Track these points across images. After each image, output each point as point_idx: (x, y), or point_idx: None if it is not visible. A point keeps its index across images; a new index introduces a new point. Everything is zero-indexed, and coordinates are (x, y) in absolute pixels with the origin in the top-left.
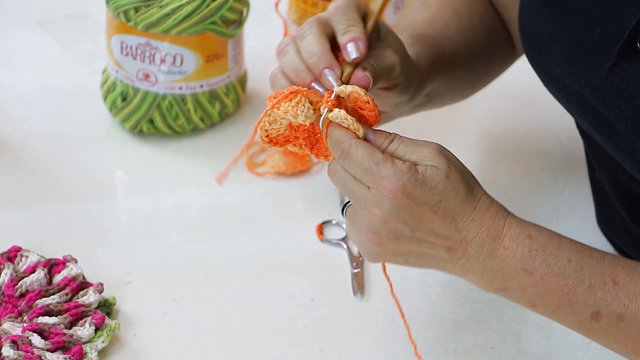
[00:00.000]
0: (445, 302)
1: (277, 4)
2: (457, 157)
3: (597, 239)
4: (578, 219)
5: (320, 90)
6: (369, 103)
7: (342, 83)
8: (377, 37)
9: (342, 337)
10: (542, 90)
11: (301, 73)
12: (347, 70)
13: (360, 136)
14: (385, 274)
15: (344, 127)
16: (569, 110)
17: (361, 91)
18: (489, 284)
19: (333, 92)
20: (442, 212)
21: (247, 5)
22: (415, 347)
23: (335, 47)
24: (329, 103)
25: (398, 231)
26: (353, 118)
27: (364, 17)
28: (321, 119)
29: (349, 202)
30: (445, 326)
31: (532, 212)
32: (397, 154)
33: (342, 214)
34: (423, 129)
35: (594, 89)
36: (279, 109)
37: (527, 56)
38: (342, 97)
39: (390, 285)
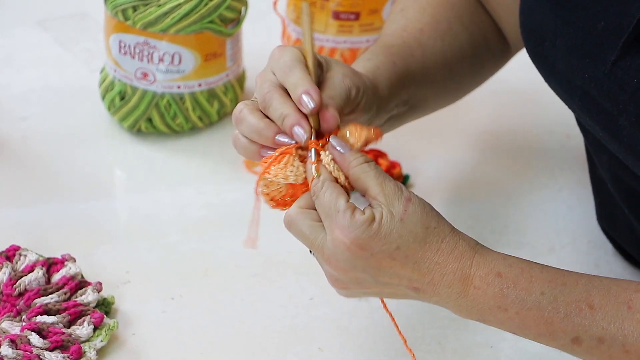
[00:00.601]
0: None
1: (275, 3)
2: (456, 156)
3: (597, 237)
4: (577, 217)
5: (286, 141)
6: (369, 136)
7: (313, 131)
8: (321, 71)
9: (341, 336)
10: (541, 89)
11: (263, 131)
12: (312, 119)
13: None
14: (385, 306)
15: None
16: (571, 106)
17: (357, 130)
18: (467, 316)
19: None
20: (401, 257)
21: (245, 4)
22: (405, 341)
23: None
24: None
25: (359, 278)
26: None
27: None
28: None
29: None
30: (444, 325)
31: (531, 212)
32: (361, 182)
33: (311, 253)
34: (422, 129)
35: (598, 84)
36: (269, 174)
37: (529, 52)
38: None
39: (391, 315)
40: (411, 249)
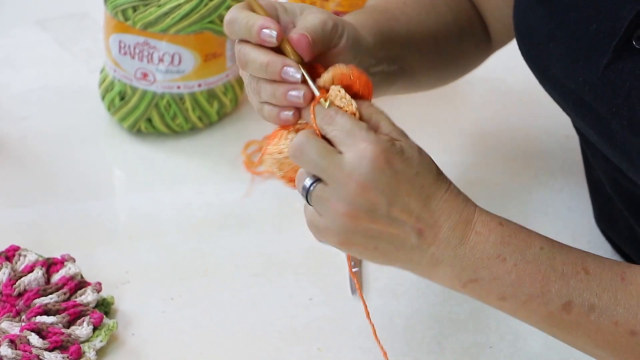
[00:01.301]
0: (443, 301)
1: None
2: (456, 157)
3: (596, 238)
4: (577, 217)
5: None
6: (352, 74)
7: (297, 62)
8: (290, 17)
9: (340, 336)
10: (541, 89)
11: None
12: (287, 49)
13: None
14: (369, 319)
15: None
16: (565, 110)
17: (340, 68)
18: (458, 276)
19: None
20: (418, 186)
21: None
22: (374, 330)
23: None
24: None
25: (374, 203)
26: (348, 96)
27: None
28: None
29: (313, 183)
30: (443, 325)
31: (531, 211)
32: (374, 118)
33: (307, 199)
34: (422, 129)
35: (591, 87)
36: (270, 154)
37: (524, 55)
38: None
39: (373, 326)
40: (427, 180)
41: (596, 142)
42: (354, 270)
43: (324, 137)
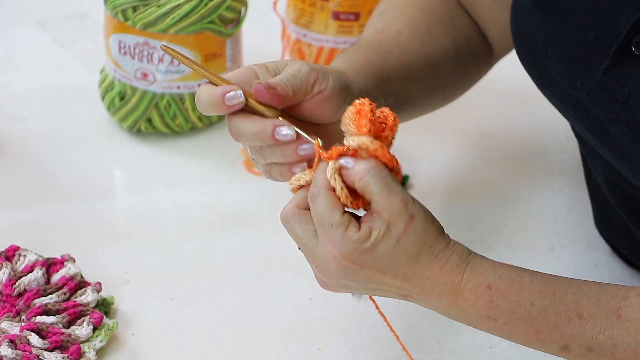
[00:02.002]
0: None
1: (275, 3)
2: (456, 157)
3: (596, 239)
4: (576, 218)
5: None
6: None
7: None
8: (273, 74)
9: (340, 337)
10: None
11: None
12: (258, 106)
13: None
14: (378, 309)
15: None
16: (563, 114)
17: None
18: (456, 320)
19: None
20: (392, 273)
21: (245, 4)
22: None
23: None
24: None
25: (347, 285)
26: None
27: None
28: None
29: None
30: (443, 325)
31: (531, 212)
32: (367, 194)
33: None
34: (422, 130)
35: (590, 93)
36: (291, 184)
37: (521, 60)
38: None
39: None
40: (402, 267)
41: (595, 147)
42: None
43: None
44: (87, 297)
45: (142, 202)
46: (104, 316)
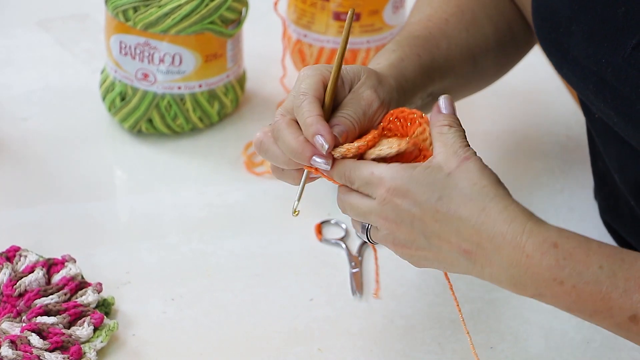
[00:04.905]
0: (444, 302)
1: (276, 4)
2: None
3: (598, 238)
4: (578, 218)
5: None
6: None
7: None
8: (344, 88)
9: (341, 337)
10: (541, 90)
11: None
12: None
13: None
14: (447, 277)
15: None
16: (583, 93)
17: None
18: (521, 292)
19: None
20: (444, 210)
21: (246, 4)
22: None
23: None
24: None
25: (411, 235)
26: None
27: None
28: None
29: (366, 227)
30: (444, 326)
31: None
32: (435, 141)
33: (369, 240)
34: None
35: (615, 69)
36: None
37: (541, 39)
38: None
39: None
40: (454, 202)
41: (616, 125)
42: (354, 271)
43: None
44: (87, 297)
45: (143, 203)
46: (105, 317)
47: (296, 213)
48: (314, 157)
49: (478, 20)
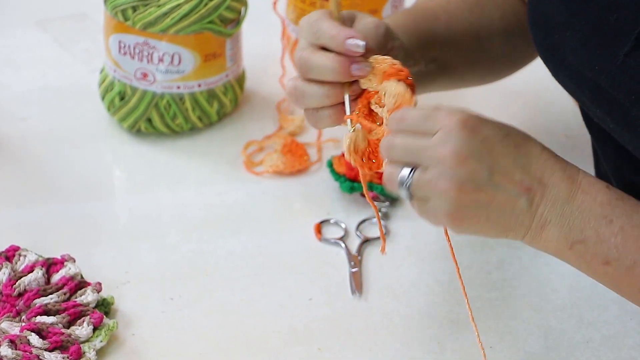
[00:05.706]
0: (443, 301)
1: (275, 3)
2: None
3: None
4: None
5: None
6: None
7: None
8: (350, 23)
9: (340, 336)
10: (541, 89)
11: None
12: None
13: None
14: (447, 236)
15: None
16: (580, 99)
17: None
18: (565, 236)
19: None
20: (512, 146)
21: (245, 4)
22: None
23: None
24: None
25: (474, 171)
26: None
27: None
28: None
29: (410, 172)
30: (443, 325)
31: None
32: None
33: (407, 191)
34: None
35: (609, 75)
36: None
37: (537, 44)
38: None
39: (450, 244)
40: (520, 138)
41: (612, 131)
42: (353, 270)
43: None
44: (87, 297)
45: (142, 202)
46: (104, 316)
47: (353, 127)
48: (353, 65)
49: (483, 4)
